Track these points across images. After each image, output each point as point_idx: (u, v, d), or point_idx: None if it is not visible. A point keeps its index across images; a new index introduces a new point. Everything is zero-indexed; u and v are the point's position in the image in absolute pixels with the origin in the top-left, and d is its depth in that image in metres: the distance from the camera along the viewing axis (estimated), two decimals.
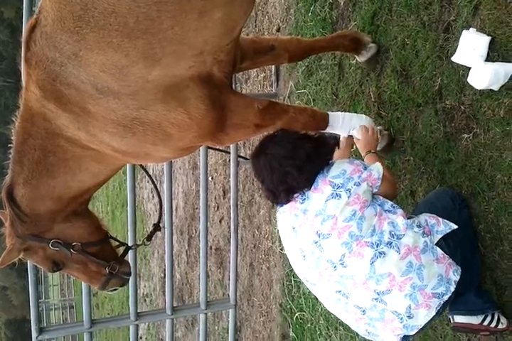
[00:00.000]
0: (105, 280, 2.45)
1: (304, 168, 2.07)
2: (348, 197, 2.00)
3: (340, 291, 2.05)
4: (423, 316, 1.97)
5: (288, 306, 4.12)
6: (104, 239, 2.47)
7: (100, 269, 2.42)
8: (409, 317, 1.97)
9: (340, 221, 1.99)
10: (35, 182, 2.17)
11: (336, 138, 2.40)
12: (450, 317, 2.28)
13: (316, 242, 2.03)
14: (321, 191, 2.05)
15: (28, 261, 2.69)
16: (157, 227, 2.73)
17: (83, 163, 2.20)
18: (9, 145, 2.16)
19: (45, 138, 2.10)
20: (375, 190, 2.11)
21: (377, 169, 2.12)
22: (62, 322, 18.28)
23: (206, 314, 3.47)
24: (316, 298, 2.29)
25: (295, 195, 2.10)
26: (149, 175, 2.92)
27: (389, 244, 1.96)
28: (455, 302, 2.12)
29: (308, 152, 2.11)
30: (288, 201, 2.12)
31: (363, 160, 2.43)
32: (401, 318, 1.97)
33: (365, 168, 2.12)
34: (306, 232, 2.06)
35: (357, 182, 2.05)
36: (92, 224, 2.43)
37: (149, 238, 2.69)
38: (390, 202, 2.11)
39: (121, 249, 2.60)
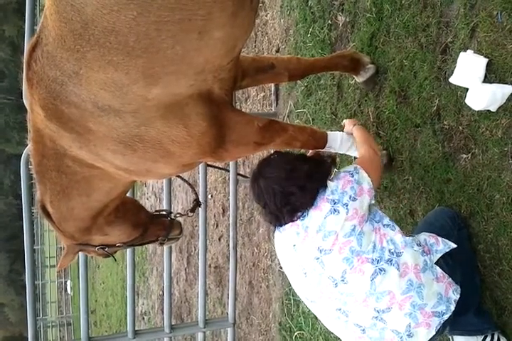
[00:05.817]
0: (159, 245, 2.74)
1: (306, 186, 2.08)
2: (347, 212, 2.01)
3: (340, 309, 2.04)
4: (423, 335, 1.95)
5: (287, 325, 4.08)
6: (146, 230, 2.59)
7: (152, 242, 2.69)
8: (409, 335, 1.95)
9: (340, 236, 1.99)
10: (56, 203, 2.22)
11: (332, 157, 2.41)
12: (450, 337, 2.26)
13: (317, 258, 2.03)
14: (319, 208, 2.05)
15: (26, 278, 2.91)
16: (198, 202, 3.05)
17: (93, 183, 2.22)
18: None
19: (55, 158, 2.10)
20: (372, 202, 2.13)
21: (366, 180, 2.13)
22: (59, 340, 18.05)
23: (205, 332, 3.45)
24: (316, 317, 2.27)
25: (298, 214, 2.10)
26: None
27: (389, 261, 1.97)
28: (454, 323, 2.10)
29: (307, 171, 2.12)
30: (291, 221, 2.11)
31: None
32: (401, 337, 1.96)
33: (352, 175, 2.12)
34: (308, 249, 2.05)
35: (352, 196, 2.05)
36: (130, 226, 2.53)
37: (193, 210, 2.96)
38: (388, 218, 2.12)
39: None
